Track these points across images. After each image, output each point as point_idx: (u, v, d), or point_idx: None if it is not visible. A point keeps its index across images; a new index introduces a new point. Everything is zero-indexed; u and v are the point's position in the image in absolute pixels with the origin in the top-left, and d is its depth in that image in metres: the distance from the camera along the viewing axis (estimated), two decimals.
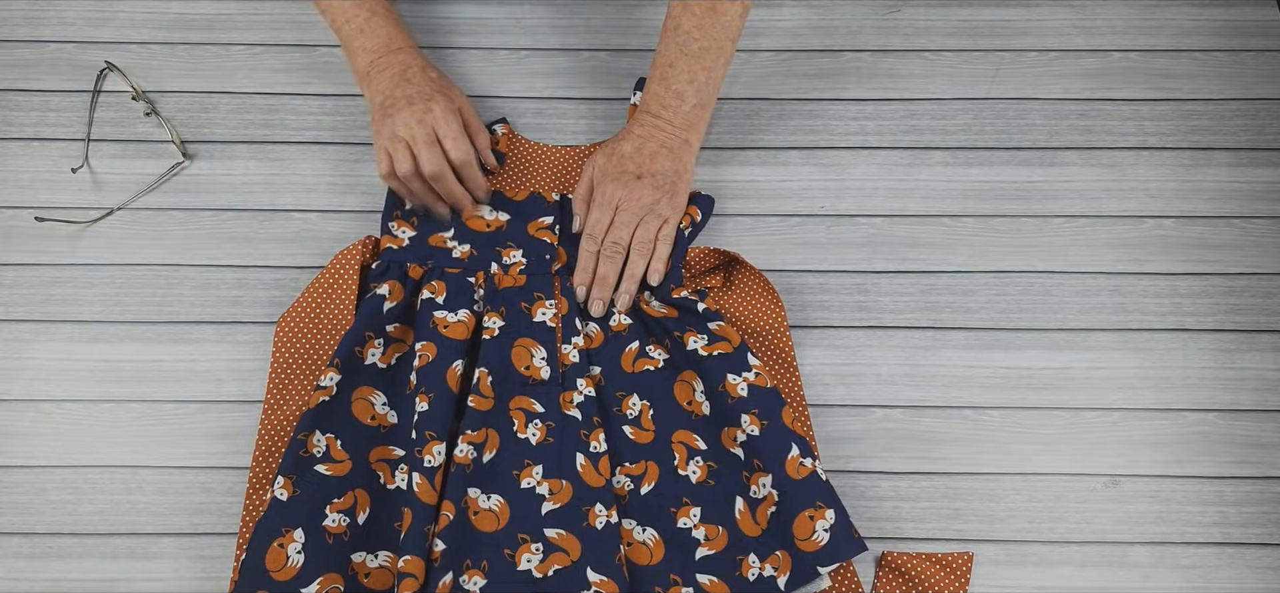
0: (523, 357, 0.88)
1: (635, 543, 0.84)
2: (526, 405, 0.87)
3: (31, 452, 0.88)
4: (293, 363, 0.89)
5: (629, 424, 0.88)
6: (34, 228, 0.97)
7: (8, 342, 0.92)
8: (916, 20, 1.08)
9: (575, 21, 1.08)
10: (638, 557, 0.83)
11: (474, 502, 0.83)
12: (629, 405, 0.89)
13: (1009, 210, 0.99)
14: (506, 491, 0.83)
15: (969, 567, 0.85)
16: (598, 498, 0.83)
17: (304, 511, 0.81)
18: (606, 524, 0.82)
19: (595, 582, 0.80)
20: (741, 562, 0.83)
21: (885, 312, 0.94)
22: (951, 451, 0.89)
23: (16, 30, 1.05)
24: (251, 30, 1.06)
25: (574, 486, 0.84)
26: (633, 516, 0.85)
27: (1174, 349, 0.93)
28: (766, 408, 0.85)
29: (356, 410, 0.86)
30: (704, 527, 0.84)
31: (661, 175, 0.94)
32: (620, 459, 0.87)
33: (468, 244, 0.94)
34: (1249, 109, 1.03)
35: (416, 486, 0.81)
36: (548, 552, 0.81)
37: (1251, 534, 0.87)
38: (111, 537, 0.86)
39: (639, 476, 0.86)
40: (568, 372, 0.89)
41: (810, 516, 0.82)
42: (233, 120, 1.02)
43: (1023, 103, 1.04)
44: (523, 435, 0.85)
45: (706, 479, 0.86)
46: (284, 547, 0.80)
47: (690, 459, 0.87)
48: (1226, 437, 0.90)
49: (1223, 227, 0.98)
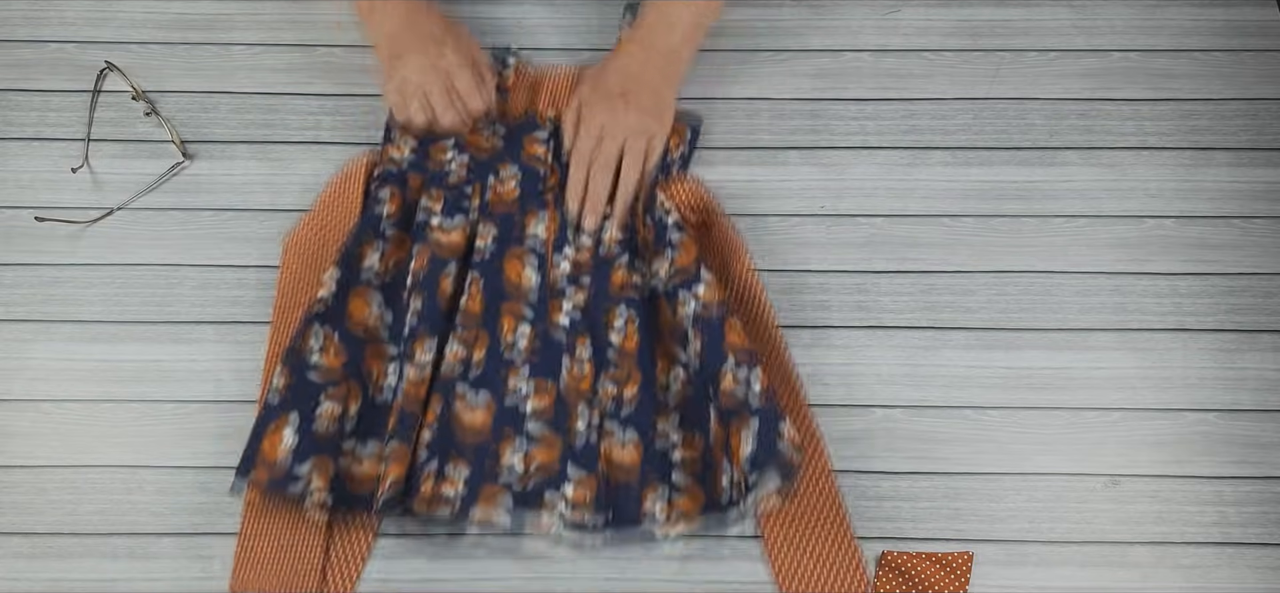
0: (515, 268, 0.92)
1: (615, 446, 0.87)
2: (516, 311, 0.90)
3: (31, 452, 0.88)
4: (300, 276, 0.92)
5: (615, 334, 0.90)
6: (34, 228, 0.97)
7: (8, 342, 0.92)
8: (916, 20, 1.08)
9: (575, 21, 1.08)
10: (617, 458, 0.86)
11: (461, 398, 0.87)
12: (615, 318, 0.91)
13: (1009, 210, 0.99)
14: (493, 390, 0.88)
15: (969, 567, 0.85)
16: (581, 401, 0.87)
17: (298, 399, 0.85)
18: (588, 426, 0.86)
19: (574, 478, 0.84)
20: (714, 468, 0.85)
21: (885, 312, 0.94)
22: (951, 450, 0.89)
23: (16, 30, 1.05)
24: (251, 30, 1.06)
25: (558, 390, 0.88)
26: (614, 420, 0.87)
27: (1174, 349, 0.93)
28: (707, 325, 0.88)
29: (353, 311, 0.89)
30: (681, 433, 0.87)
31: (646, 97, 0.95)
32: (604, 368, 0.89)
33: (466, 156, 0.96)
34: (1249, 109, 1.03)
35: (407, 380, 0.86)
36: (530, 450, 0.85)
37: (1251, 534, 0.87)
38: (111, 537, 0.86)
39: (622, 381, 0.89)
40: (558, 284, 0.92)
41: (738, 427, 0.84)
42: (233, 120, 1.02)
43: (1023, 103, 1.04)
44: (511, 340, 0.89)
45: (686, 391, 0.88)
46: (279, 431, 0.84)
47: (671, 370, 0.89)
48: (1226, 437, 0.90)
49: (1223, 227, 0.98)
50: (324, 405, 0.85)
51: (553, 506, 0.84)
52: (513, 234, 0.93)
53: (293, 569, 0.84)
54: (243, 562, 0.84)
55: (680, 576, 0.85)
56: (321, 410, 0.85)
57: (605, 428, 0.87)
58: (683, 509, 0.84)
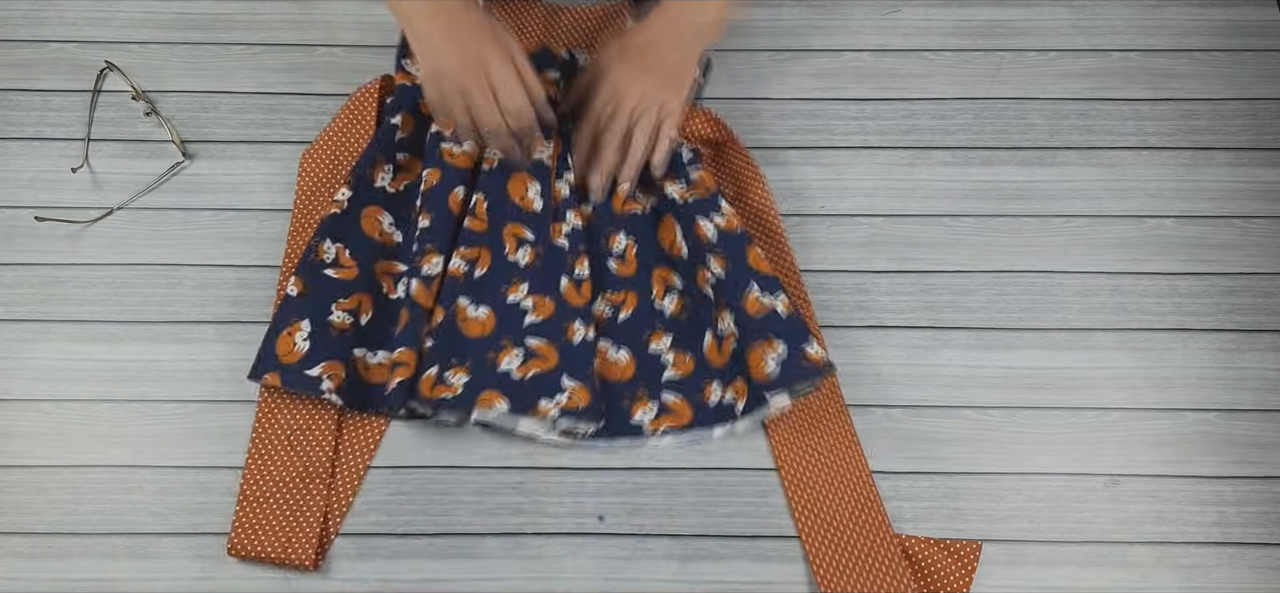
0: (518, 188, 0.94)
1: (609, 360, 0.91)
2: (518, 232, 0.93)
3: (31, 452, 0.88)
4: (315, 190, 0.96)
5: (614, 258, 0.94)
6: (34, 228, 0.97)
7: (8, 342, 0.92)
8: (916, 20, 1.08)
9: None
10: (610, 372, 0.91)
11: (463, 309, 0.90)
12: (615, 241, 0.95)
13: (1009, 210, 0.99)
14: (494, 302, 0.91)
15: (976, 556, 0.85)
16: (577, 315, 0.90)
17: (311, 306, 0.89)
18: (583, 340, 0.89)
19: (569, 387, 0.87)
20: (704, 387, 0.90)
21: (885, 311, 0.94)
22: (951, 450, 0.89)
23: (17, 30, 1.05)
24: (251, 30, 1.06)
25: (556, 303, 0.90)
26: (609, 336, 0.92)
27: (1174, 349, 0.93)
28: (731, 250, 0.91)
29: (365, 226, 0.93)
30: (674, 353, 0.92)
31: (668, 69, 0.95)
32: (603, 287, 0.94)
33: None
34: (1249, 109, 1.03)
35: (414, 290, 0.90)
36: (527, 357, 0.89)
37: (1251, 534, 0.87)
38: (111, 537, 0.86)
39: (619, 303, 0.93)
40: (560, 205, 0.94)
41: (762, 348, 0.87)
42: (233, 120, 1.02)
43: (1023, 102, 1.04)
44: (512, 258, 0.92)
45: (680, 313, 0.93)
46: (292, 335, 0.88)
47: (666, 294, 0.93)
48: (1226, 437, 0.90)
49: (1223, 226, 0.98)
50: (336, 314, 0.89)
51: (546, 412, 0.86)
52: None
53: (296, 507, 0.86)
54: (243, 513, 0.85)
55: (680, 575, 0.85)
56: (334, 318, 0.89)
57: (599, 344, 0.91)
58: (670, 423, 0.89)
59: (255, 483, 0.86)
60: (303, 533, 0.85)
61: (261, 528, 0.85)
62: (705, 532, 0.86)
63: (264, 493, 0.86)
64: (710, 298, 0.91)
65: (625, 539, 0.86)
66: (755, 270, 0.90)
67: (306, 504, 0.86)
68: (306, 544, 0.84)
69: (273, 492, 0.86)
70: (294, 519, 0.85)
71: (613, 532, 0.86)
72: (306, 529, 0.85)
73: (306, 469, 0.87)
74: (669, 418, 0.89)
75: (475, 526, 0.87)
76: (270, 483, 0.86)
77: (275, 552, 0.84)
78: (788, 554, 0.86)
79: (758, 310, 0.89)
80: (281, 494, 0.86)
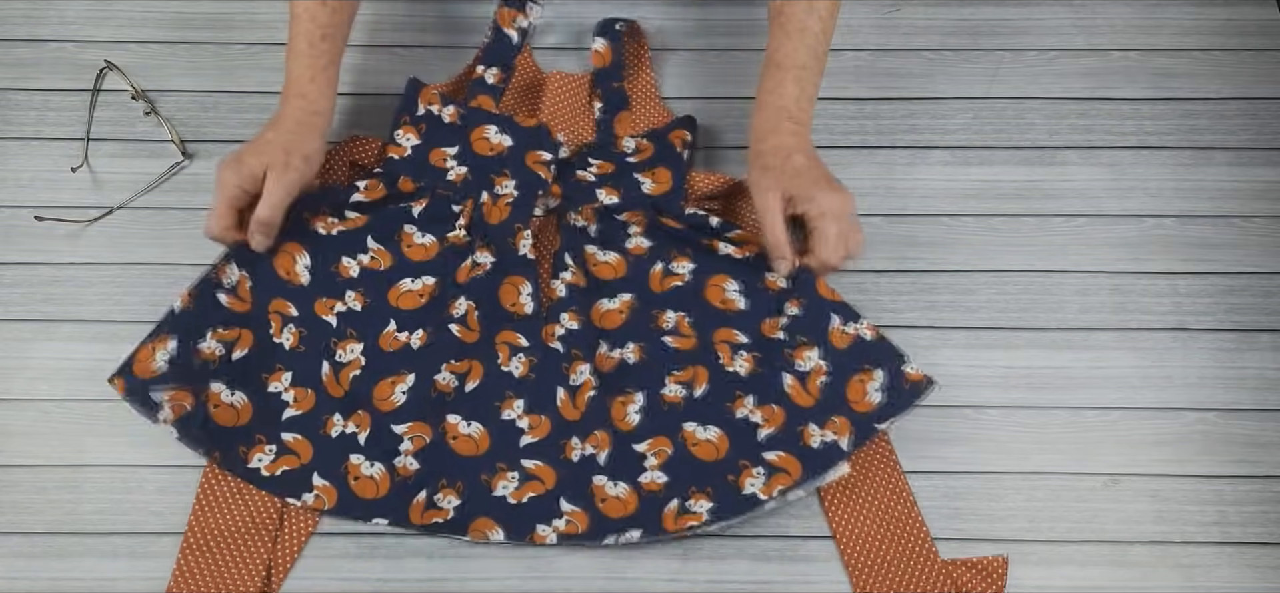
0: (510, 293, 0.91)
1: (701, 442, 0.86)
2: (511, 340, 0.90)
3: (31, 451, 0.88)
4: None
5: (669, 335, 0.90)
6: (34, 227, 0.97)
7: (8, 341, 0.92)
8: (916, 20, 1.08)
9: (573, 22, 1.08)
10: (704, 454, 0.86)
11: (454, 426, 0.87)
12: (665, 320, 0.91)
13: (1009, 210, 0.99)
14: (487, 420, 0.87)
15: (1005, 571, 0.84)
16: (574, 432, 0.87)
17: (186, 324, 0.87)
18: (582, 457, 0.86)
19: (567, 512, 0.84)
20: (802, 432, 0.86)
21: (885, 311, 0.94)
22: (951, 450, 0.89)
23: (16, 29, 1.05)
24: (251, 30, 1.06)
25: (552, 421, 0.87)
26: (692, 418, 0.87)
27: (1174, 349, 0.93)
28: (802, 288, 0.89)
29: (278, 262, 0.90)
30: (761, 410, 0.87)
31: (825, 172, 0.90)
32: (666, 369, 0.89)
33: (466, 167, 0.95)
34: (1249, 109, 1.03)
35: (324, 376, 0.88)
36: (524, 480, 0.85)
37: (1251, 534, 0.87)
38: (111, 536, 0.86)
39: (689, 381, 0.88)
40: (553, 306, 0.91)
41: (860, 379, 0.86)
42: (233, 120, 1.02)
43: (1022, 102, 1.04)
44: (506, 369, 0.89)
45: (755, 369, 0.88)
46: (154, 349, 0.86)
47: (735, 354, 0.89)
48: (1226, 436, 0.90)
49: (1223, 226, 0.98)
50: (208, 342, 0.87)
51: (544, 538, 0.84)
52: (509, 258, 0.92)
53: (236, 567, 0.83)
54: (185, 562, 0.84)
55: (680, 575, 0.85)
56: (204, 345, 0.87)
57: (686, 427, 0.87)
58: (782, 483, 0.84)
59: (199, 531, 0.84)
60: (243, 587, 0.83)
61: (201, 578, 0.83)
62: (705, 532, 0.86)
63: (207, 542, 0.84)
64: (782, 340, 0.88)
65: None
66: (830, 301, 0.89)
67: (249, 557, 0.84)
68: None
69: (216, 541, 0.84)
70: (236, 572, 0.83)
71: None
72: (247, 583, 0.83)
73: (253, 521, 0.85)
74: (780, 479, 0.84)
75: None
76: (214, 532, 0.84)
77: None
78: (787, 554, 0.86)
79: (844, 342, 0.88)
80: (224, 545, 0.84)
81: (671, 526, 0.84)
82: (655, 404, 0.88)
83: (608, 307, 0.91)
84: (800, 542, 0.86)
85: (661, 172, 0.96)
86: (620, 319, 0.91)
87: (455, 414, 0.87)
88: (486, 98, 0.99)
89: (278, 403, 0.87)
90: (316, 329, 0.90)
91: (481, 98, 0.99)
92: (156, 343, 0.86)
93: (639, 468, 0.86)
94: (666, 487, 0.85)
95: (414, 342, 0.90)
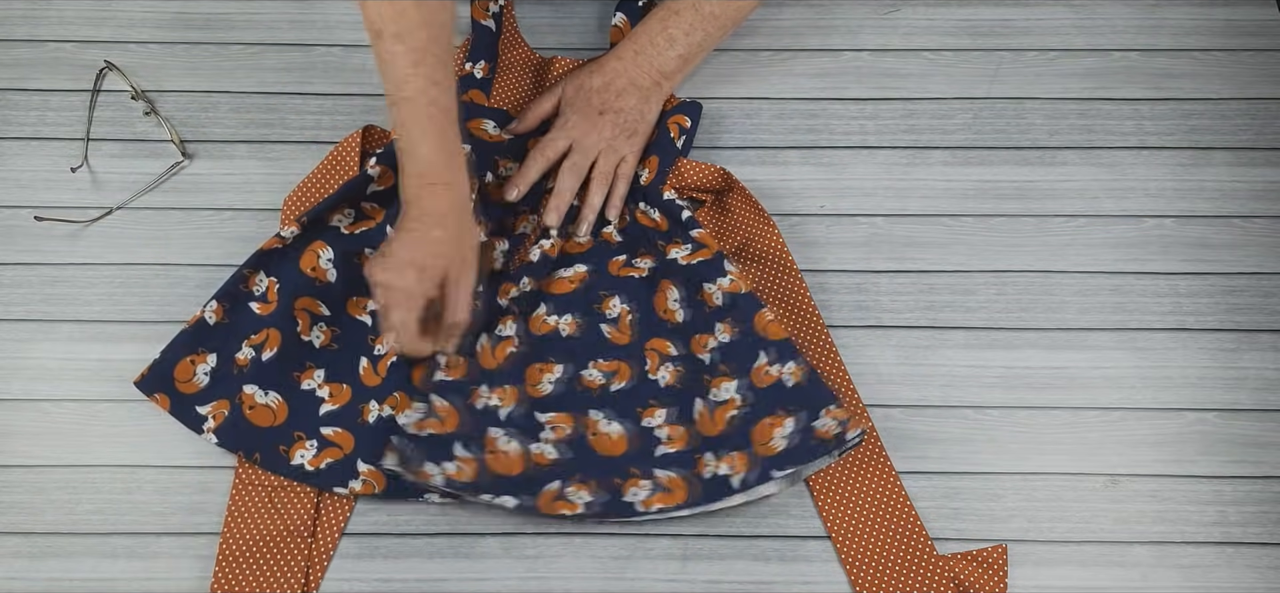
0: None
1: (601, 434, 0.87)
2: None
3: (31, 452, 0.88)
4: None
5: (608, 324, 0.91)
6: (34, 227, 0.97)
7: (8, 341, 0.92)
8: (916, 20, 1.08)
9: (573, 21, 1.08)
10: (602, 447, 0.86)
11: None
12: (610, 306, 0.92)
13: (1009, 210, 0.99)
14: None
15: (1005, 560, 0.84)
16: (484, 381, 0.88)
17: (223, 338, 0.88)
18: (485, 406, 0.87)
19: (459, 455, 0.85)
20: (698, 460, 0.85)
21: (885, 311, 0.94)
22: (950, 450, 0.89)
23: (15, 30, 1.05)
24: (251, 30, 1.06)
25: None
26: (602, 407, 0.88)
27: (1174, 349, 0.93)
28: (740, 315, 0.89)
29: (303, 261, 0.90)
30: (668, 427, 0.87)
31: (625, 114, 0.95)
32: (594, 354, 0.90)
33: (468, 146, 0.94)
34: (1249, 109, 1.03)
35: (361, 370, 0.89)
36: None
37: (1251, 534, 0.87)
38: (111, 536, 0.86)
39: (612, 373, 0.89)
40: (521, 268, 0.93)
41: (771, 422, 0.85)
42: (233, 120, 1.02)
43: (1022, 102, 1.04)
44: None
45: (675, 384, 0.89)
46: (195, 365, 0.87)
47: (661, 365, 0.89)
48: (1226, 436, 0.90)
49: (1223, 226, 0.98)
50: (242, 352, 0.88)
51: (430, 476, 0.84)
52: (508, 234, 0.94)
53: (277, 557, 0.84)
54: (222, 574, 0.83)
55: (680, 575, 0.85)
56: (240, 354, 0.88)
57: (590, 415, 0.87)
58: (662, 501, 0.84)
59: (234, 542, 0.84)
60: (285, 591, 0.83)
61: (242, 587, 0.83)
62: (705, 532, 0.86)
63: (243, 553, 0.84)
64: (704, 363, 0.88)
65: (624, 539, 0.86)
66: (764, 337, 0.88)
67: (288, 564, 0.84)
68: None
69: (253, 551, 0.84)
70: (276, 578, 0.83)
71: (612, 532, 0.86)
72: (288, 587, 0.83)
73: (288, 526, 0.85)
74: (662, 496, 0.84)
75: (475, 526, 0.87)
76: (250, 542, 0.84)
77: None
78: (787, 554, 0.86)
79: (766, 382, 0.87)
80: (262, 554, 0.84)
81: (545, 507, 0.84)
82: (572, 381, 0.89)
83: (561, 274, 0.93)
84: (800, 542, 0.86)
85: (652, 160, 0.97)
86: (569, 289, 0.92)
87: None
88: (477, 91, 1.00)
89: (313, 400, 0.88)
90: (351, 330, 0.90)
91: (473, 92, 0.99)
92: (196, 358, 0.87)
93: (534, 437, 0.86)
94: (553, 464, 0.85)
95: None
